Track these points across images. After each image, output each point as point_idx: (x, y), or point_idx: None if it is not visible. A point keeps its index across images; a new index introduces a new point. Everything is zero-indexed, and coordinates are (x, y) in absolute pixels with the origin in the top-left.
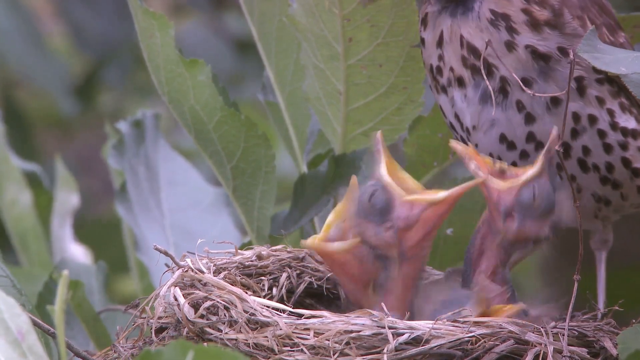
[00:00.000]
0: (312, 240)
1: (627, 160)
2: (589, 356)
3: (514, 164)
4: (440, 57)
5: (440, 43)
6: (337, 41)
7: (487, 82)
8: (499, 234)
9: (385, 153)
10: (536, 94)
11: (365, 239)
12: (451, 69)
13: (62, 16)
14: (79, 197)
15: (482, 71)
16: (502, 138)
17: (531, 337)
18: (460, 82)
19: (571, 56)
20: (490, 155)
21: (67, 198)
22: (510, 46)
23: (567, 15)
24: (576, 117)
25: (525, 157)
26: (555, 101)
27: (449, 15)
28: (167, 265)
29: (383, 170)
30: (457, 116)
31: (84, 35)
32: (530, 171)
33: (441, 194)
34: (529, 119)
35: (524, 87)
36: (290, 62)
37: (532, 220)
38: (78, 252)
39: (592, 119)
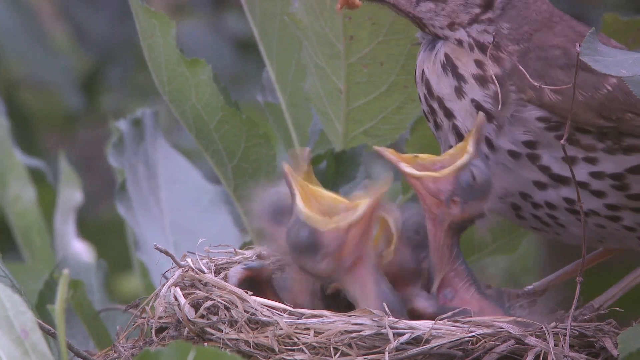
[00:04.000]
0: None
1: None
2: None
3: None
4: (419, 96)
5: (415, 78)
6: (339, 39)
7: (444, 126)
8: (445, 221)
9: (296, 181)
10: (542, 85)
11: (307, 271)
12: (424, 110)
13: (64, 16)
14: (82, 194)
15: (434, 115)
16: None
17: (531, 339)
18: (436, 124)
19: (577, 49)
20: None
21: (71, 194)
22: (460, 93)
23: (511, 87)
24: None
25: (518, 209)
26: (515, 155)
27: (422, 49)
28: (163, 275)
29: (299, 204)
30: None
31: (86, 35)
32: (465, 156)
33: (359, 212)
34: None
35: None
36: (291, 61)
37: (473, 201)
38: (81, 249)
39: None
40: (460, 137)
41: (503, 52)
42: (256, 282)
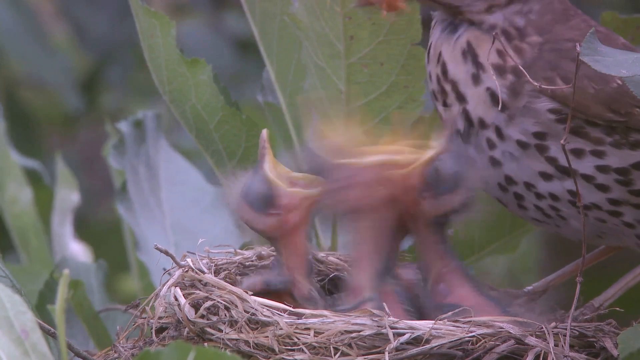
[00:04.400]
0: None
1: None
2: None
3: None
4: (429, 75)
5: (428, 56)
6: (339, 39)
7: (456, 110)
8: (420, 217)
9: (269, 151)
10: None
11: (249, 224)
12: (433, 90)
13: (64, 16)
14: (80, 195)
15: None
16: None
17: (531, 339)
18: (445, 105)
19: (578, 49)
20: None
21: (68, 195)
22: (476, 80)
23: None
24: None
25: (521, 199)
26: (523, 145)
27: (439, 29)
28: (164, 269)
29: (266, 166)
30: None
31: (86, 35)
32: (429, 151)
33: (314, 192)
34: (494, 162)
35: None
36: (291, 61)
37: (443, 195)
38: (78, 250)
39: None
40: (469, 121)
41: (525, 42)
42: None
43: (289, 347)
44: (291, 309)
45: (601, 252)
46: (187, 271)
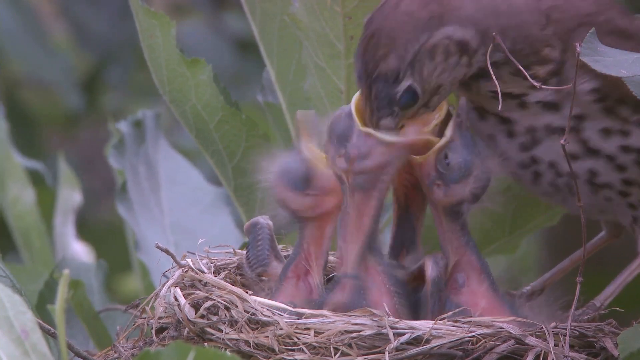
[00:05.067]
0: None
1: None
2: (588, 357)
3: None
4: None
5: None
6: (339, 39)
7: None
8: (437, 205)
9: (306, 133)
10: (543, 86)
11: (285, 204)
12: None
13: (65, 15)
14: (82, 195)
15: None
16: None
17: (531, 339)
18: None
19: (578, 49)
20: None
21: (70, 196)
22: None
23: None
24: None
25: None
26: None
27: None
28: (164, 274)
29: (305, 146)
30: None
31: (86, 35)
32: (442, 139)
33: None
34: (523, 147)
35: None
36: (291, 61)
37: (454, 184)
38: (80, 250)
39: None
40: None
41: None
42: None
43: (289, 347)
44: (291, 309)
45: (596, 245)
46: (187, 271)
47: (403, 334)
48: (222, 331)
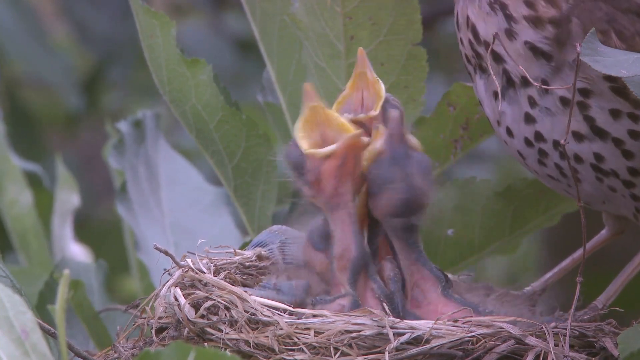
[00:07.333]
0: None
1: None
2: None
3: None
4: (461, 40)
5: (457, 24)
6: (339, 40)
7: (492, 72)
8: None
9: (311, 100)
10: (543, 87)
11: (303, 194)
12: (466, 54)
13: (65, 15)
14: (80, 197)
15: (487, 59)
16: (509, 132)
17: (531, 339)
18: (481, 68)
19: (578, 49)
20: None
21: (68, 197)
22: (511, 35)
23: (575, 26)
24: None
25: (544, 156)
26: (565, 102)
27: None
28: (164, 269)
29: (297, 124)
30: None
31: (87, 35)
32: (371, 152)
33: (332, 146)
34: (528, 119)
35: (529, 79)
36: (291, 61)
37: (374, 195)
38: (78, 252)
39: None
40: (510, 82)
41: None
42: None
43: (289, 347)
44: (291, 309)
45: (597, 244)
46: (187, 271)
47: (403, 334)
48: (222, 331)
